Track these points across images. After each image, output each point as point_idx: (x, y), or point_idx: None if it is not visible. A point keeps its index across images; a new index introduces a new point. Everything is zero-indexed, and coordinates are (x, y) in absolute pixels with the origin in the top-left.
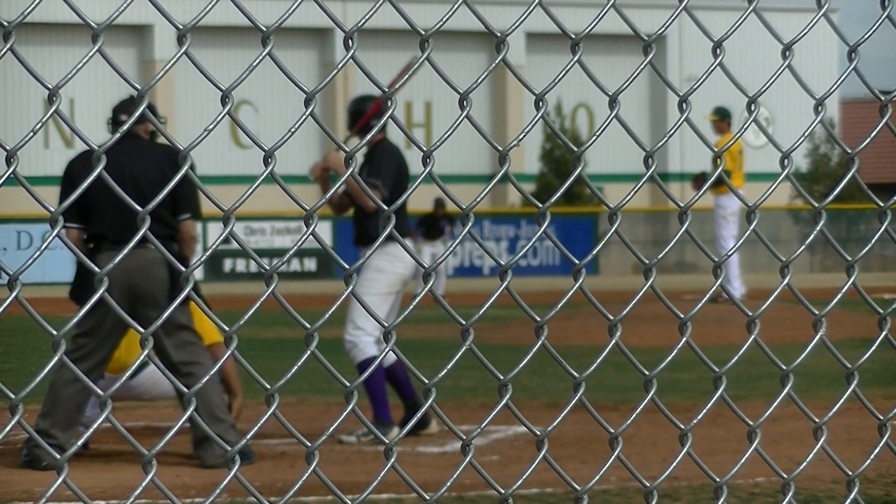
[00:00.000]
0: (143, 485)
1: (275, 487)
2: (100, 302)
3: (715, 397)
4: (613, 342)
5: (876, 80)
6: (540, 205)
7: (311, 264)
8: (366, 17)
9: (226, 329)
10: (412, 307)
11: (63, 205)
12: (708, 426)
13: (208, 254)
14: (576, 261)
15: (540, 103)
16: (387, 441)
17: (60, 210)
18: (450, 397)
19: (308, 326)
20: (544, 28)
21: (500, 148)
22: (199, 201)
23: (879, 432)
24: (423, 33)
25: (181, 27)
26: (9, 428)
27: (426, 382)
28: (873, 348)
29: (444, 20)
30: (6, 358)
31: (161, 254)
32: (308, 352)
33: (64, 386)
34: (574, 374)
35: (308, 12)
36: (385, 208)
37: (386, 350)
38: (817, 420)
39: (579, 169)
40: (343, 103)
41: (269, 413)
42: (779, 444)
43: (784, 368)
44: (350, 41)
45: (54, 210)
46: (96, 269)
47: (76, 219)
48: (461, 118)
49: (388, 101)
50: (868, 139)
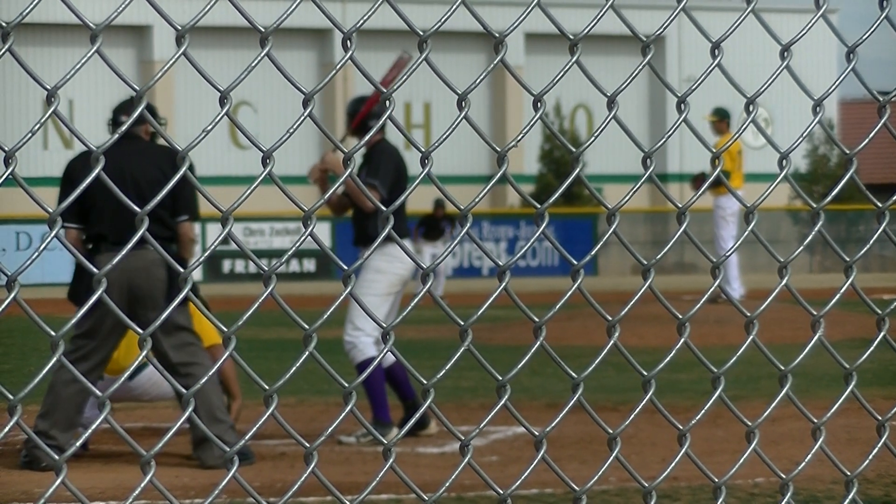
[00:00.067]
0: (142, 485)
1: (274, 488)
2: (99, 302)
3: (713, 397)
4: (612, 342)
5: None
6: (538, 205)
7: (311, 265)
8: (364, 18)
9: (224, 330)
10: (410, 308)
11: (62, 205)
12: (707, 427)
13: (207, 254)
14: (574, 261)
15: (538, 104)
16: (385, 442)
17: (59, 210)
18: (449, 398)
19: (307, 327)
20: (543, 29)
21: (499, 149)
22: (198, 203)
23: (878, 433)
24: (422, 34)
25: (180, 28)
26: (7, 428)
27: (425, 383)
28: (871, 348)
29: (443, 21)
30: (5, 359)
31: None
32: (307, 352)
33: (63, 386)
34: (573, 375)
35: (307, 13)
36: (383, 209)
37: (385, 350)
38: (816, 420)
39: (578, 169)
40: (342, 104)
41: (268, 414)
42: (778, 445)
43: (783, 369)
44: (349, 42)
45: (53, 211)
46: (95, 270)
47: (76, 219)
48: (460, 119)
49: (387, 102)
50: (867, 140)
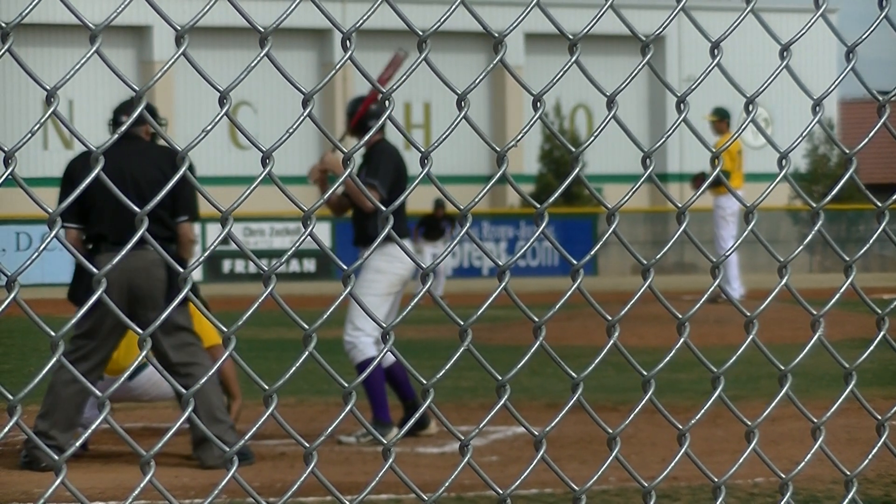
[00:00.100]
0: (142, 485)
1: (274, 488)
2: (99, 303)
3: (713, 397)
4: (612, 342)
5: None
6: (538, 205)
7: (311, 265)
8: (364, 18)
9: (224, 330)
10: (410, 307)
11: (62, 205)
12: (707, 426)
13: (206, 254)
14: (574, 261)
15: (538, 104)
16: (385, 442)
17: (59, 210)
18: (449, 398)
19: (306, 327)
20: (543, 29)
21: (499, 149)
22: (198, 203)
23: (878, 432)
24: (421, 34)
25: (179, 28)
26: (7, 429)
27: (424, 383)
28: (871, 348)
29: (442, 21)
30: (5, 359)
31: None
32: (306, 352)
33: (63, 387)
34: (573, 375)
35: (307, 13)
36: (383, 209)
37: (384, 350)
38: (816, 420)
39: (577, 169)
40: (342, 104)
41: (268, 414)
42: (778, 445)
43: (783, 369)
44: (348, 42)
45: (52, 211)
46: (94, 271)
47: (76, 219)
48: (459, 118)
49: (387, 101)
50: (866, 139)
